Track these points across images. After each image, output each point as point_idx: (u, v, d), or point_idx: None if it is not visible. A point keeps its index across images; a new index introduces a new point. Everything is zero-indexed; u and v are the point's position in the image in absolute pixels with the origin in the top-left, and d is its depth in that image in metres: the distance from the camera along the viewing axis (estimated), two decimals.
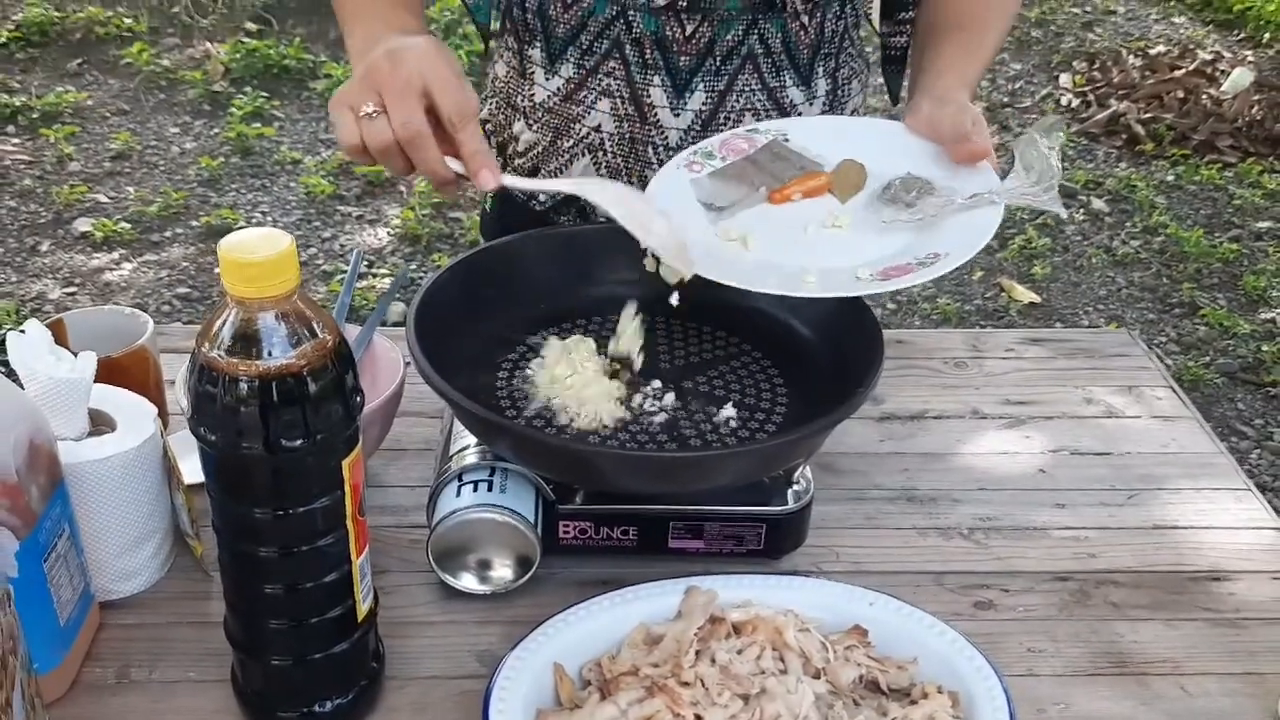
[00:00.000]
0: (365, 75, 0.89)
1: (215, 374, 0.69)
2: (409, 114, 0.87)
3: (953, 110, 1.00)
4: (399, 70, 0.87)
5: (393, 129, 0.87)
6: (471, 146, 0.88)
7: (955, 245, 0.92)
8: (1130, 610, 0.94)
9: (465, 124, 0.88)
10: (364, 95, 0.88)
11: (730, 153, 1.04)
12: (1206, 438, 1.14)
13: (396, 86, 0.87)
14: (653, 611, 0.85)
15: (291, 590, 0.76)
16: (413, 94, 0.87)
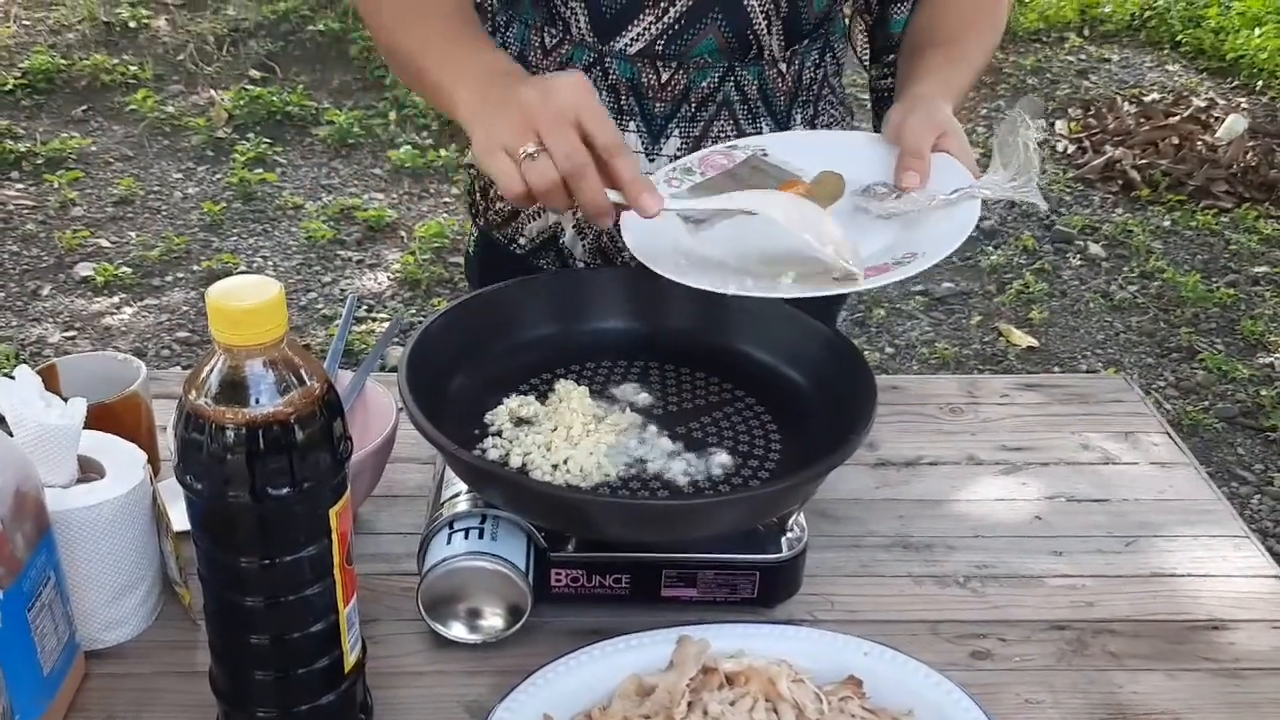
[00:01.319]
0: (515, 113, 0.87)
1: (202, 422, 0.68)
2: (571, 147, 0.86)
3: (917, 120, 0.99)
4: (551, 103, 0.86)
5: (555, 164, 0.86)
6: (630, 174, 0.88)
7: (933, 244, 0.92)
8: (1129, 660, 0.92)
9: (621, 152, 0.88)
10: (520, 134, 0.86)
11: (709, 168, 1.05)
12: (1204, 484, 1.13)
13: (551, 120, 0.86)
14: (644, 661, 0.84)
15: (278, 640, 0.75)
16: (569, 126, 0.86)
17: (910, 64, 1.12)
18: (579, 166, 0.86)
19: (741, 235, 0.96)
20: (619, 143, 0.88)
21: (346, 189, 3.61)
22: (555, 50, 1.13)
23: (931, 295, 3.20)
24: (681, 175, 1.04)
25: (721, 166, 1.05)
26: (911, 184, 0.97)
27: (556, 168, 0.86)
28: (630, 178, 0.88)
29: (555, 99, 0.87)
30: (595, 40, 1.10)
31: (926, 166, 0.98)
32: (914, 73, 1.08)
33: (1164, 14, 4.87)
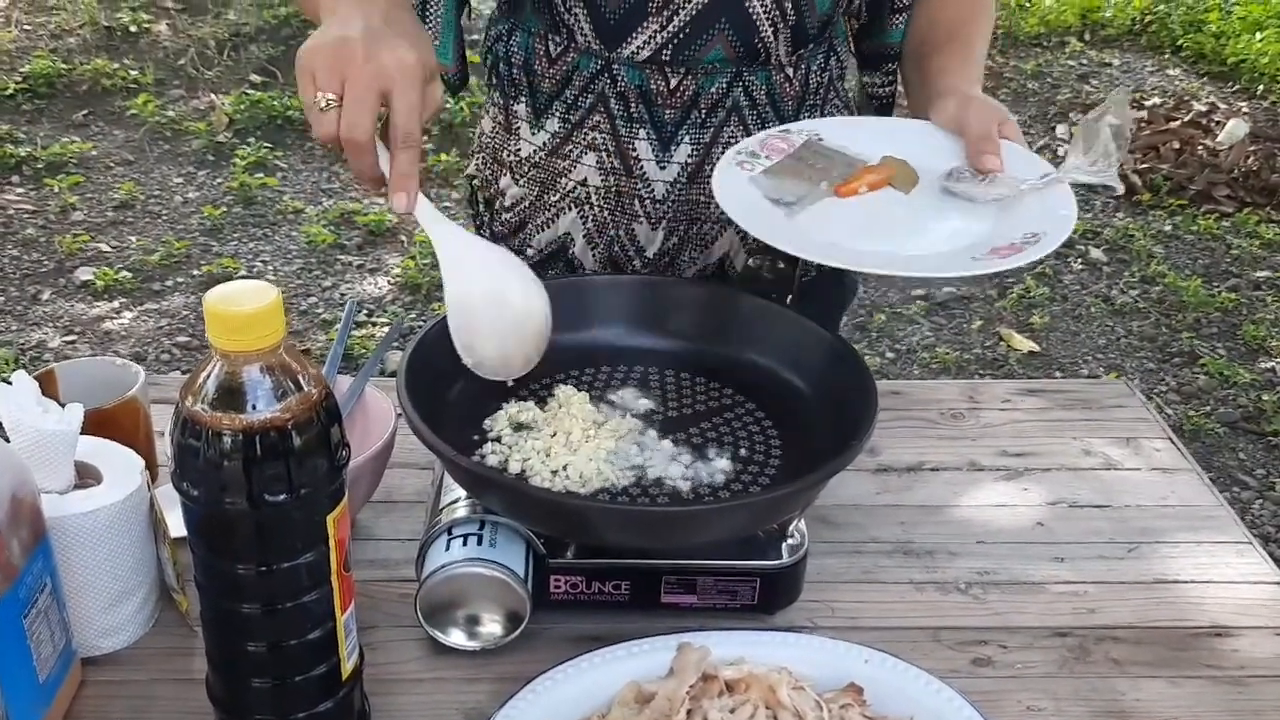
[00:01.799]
0: (338, 50, 0.84)
1: (198, 428, 0.68)
2: (358, 119, 0.83)
3: (978, 108, 1.02)
4: (370, 63, 0.83)
5: (339, 128, 0.84)
6: (402, 167, 0.85)
7: (1047, 225, 0.94)
8: (1131, 667, 0.92)
9: (406, 144, 0.85)
10: (328, 78, 0.84)
11: (772, 152, 1.05)
12: (1206, 490, 1.13)
13: (360, 83, 0.83)
14: (644, 669, 0.83)
15: (275, 647, 0.74)
16: (372, 96, 0.83)
17: (927, 64, 1.13)
18: (355, 143, 0.84)
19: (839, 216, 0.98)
20: (410, 134, 0.85)
21: (347, 193, 3.60)
22: (561, 58, 1.12)
23: (932, 300, 3.20)
24: (749, 159, 1.04)
25: (782, 150, 1.05)
26: (994, 166, 0.99)
27: (339, 127, 0.84)
28: (401, 170, 0.85)
29: (375, 61, 0.84)
30: (601, 47, 1.10)
31: (1000, 150, 1.00)
32: (937, 71, 1.10)
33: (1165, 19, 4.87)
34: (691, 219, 1.16)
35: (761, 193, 1.00)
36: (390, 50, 0.84)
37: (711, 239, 1.18)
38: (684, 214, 1.16)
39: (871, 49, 1.21)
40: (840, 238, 0.96)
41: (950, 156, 1.03)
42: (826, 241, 0.96)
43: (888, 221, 0.99)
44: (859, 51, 1.23)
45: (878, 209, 1.00)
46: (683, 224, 1.16)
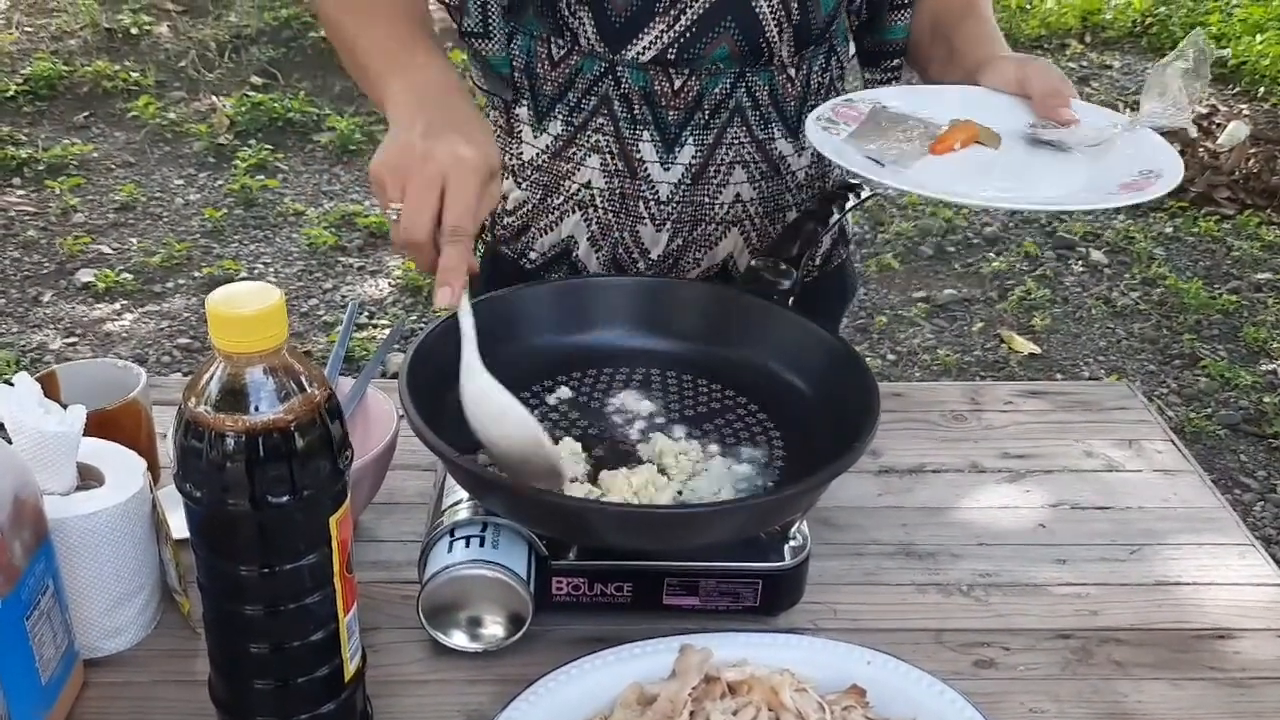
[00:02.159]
0: (400, 158, 0.89)
1: (201, 429, 0.68)
2: (416, 220, 0.87)
3: (1038, 66, 1.05)
4: (427, 166, 0.87)
5: (399, 230, 0.88)
6: (447, 261, 0.87)
7: (1156, 163, 0.99)
8: (1134, 669, 0.92)
9: (456, 239, 0.87)
10: (394, 187, 0.89)
11: (845, 119, 1.05)
12: (1208, 492, 1.13)
13: (418, 184, 0.87)
14: (646, 670, 0.83)
15: (277, 649, 0.74)
16: (430, 196, 0.87)
17: (955, 38, 1.15)
18: (411, 242, 0.88)
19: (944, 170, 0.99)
20: (461, 229, 0.87)
21: (348, 195, 3.60)
22: (564, 61, 1.12)
23: (934, 302, 3.20)
24: (829, 124, 1.04)
25: (855, 117, 1.05)
26: (1070, 118, 1.03)
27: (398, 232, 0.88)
28: (445, 264, 0.88)
29: (432, 165, 0.87)
30: (605, 49, 1.10)
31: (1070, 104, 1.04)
32: (971, 40, 1.13)
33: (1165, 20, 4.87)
34: (696, 220, 1.16)
35: (860, 153, 1.01)
36: (448, 147, 0.88)
37: (716, 240, 1.18)
38: (688, 215, 1.16)
39: (873, 45, 1.22)
40: (966, 186, 0.98)
41: (1013, 115, 1.05)
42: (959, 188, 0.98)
43: (998, 171, 1.01)
44: (860, 48, 1.23)
45: (978, 163, 1.02)
46: (687, 225, 1.17)
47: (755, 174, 1.16)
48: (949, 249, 3.44)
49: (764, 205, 1.17)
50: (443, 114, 0.91)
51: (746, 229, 1.17)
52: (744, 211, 1.17)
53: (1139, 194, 0.95)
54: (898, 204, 3.64)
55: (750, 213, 1.17)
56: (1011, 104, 1.06)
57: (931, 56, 1.18)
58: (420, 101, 0.93)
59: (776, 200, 1.18)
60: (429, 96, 0.94)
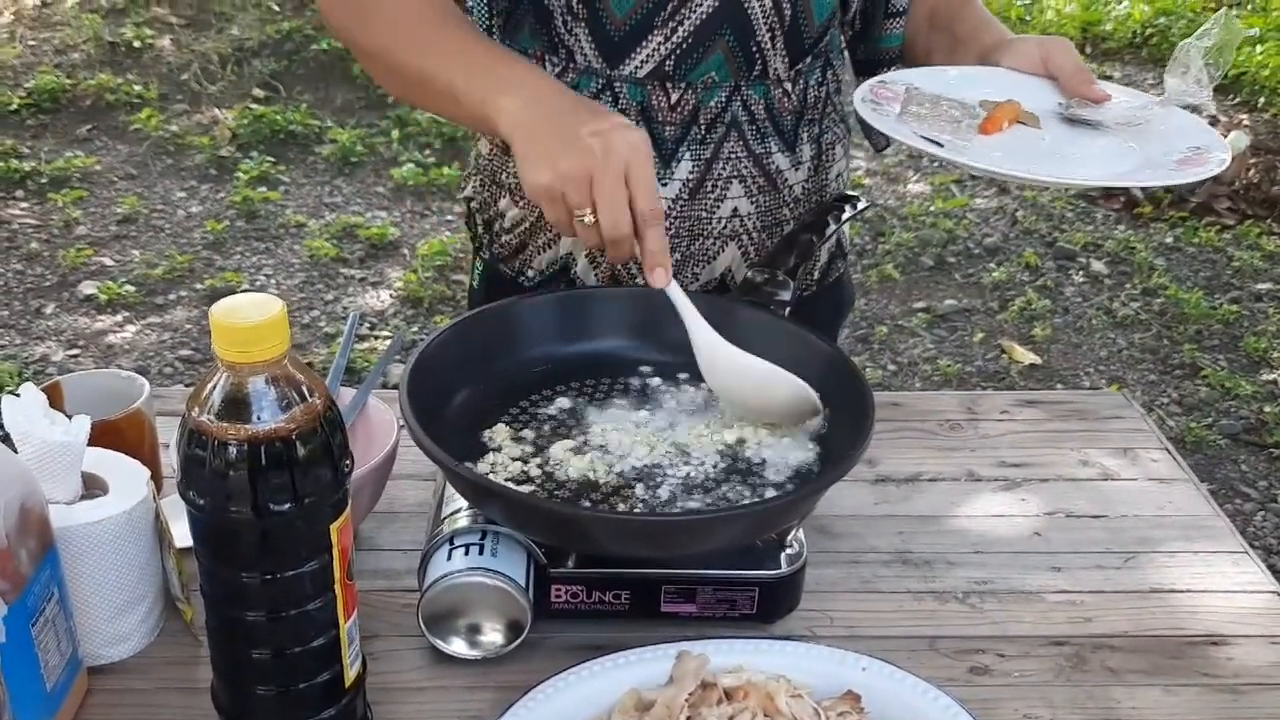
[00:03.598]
0: (579, 161, 0.89)
1: (204, 438, 0.69)
2: (618, 217, 0.89)
3: (1059, 45, 1.08)
4: (611, 162, 0.89)
5: (601, 230, 0.90)
6: (654, 245, 0.91)
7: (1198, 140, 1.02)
8: (1127, 675, 0.93)
9: (655, 222, 0.91)
10: (580, 190, 0.89)
11: (886, 99, 1.07)
12: (1203, 500, 1.13)
13: (609, 184, 0.89)
14: (644, 677, 0.84)
15: (279, 655, 0.75)
16: (622, 189, 0.89)
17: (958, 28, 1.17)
18: (620, 238, 0.90)
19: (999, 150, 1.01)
20: (657, 211, 0.91)
21: (349, 207, 3.62)
22: (560, 78, 1.12)
23: (934, 312, 3.21)
24: (875, 104, 1.06)
25: (893, 98, 1.07)
26: (1104, 94, 1.06)
27: (601, 233, 0.90)
28: (653, 249, 0.92)
29: (615, 157, 0.89)
30: (603, 65, 1.11)
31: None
32: (979, 27, 1.16)
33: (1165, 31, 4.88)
34: (694, 235, 1.17)
35: (916, 132, 1.02)
36: (620, 137, 0.90)
37: (713, 255, 1.19)
38: (686, 230, 1.17)
39: (867, 54, 1.23)
40: (1030, 165, 1.00)
41: (1038, 94, 1.07)
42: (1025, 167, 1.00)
43: (1048, 150, 1.03)
44: (854, 59, 1.24)
45: (1027, 142, 1.04)
46: (685, 240, 1.17)
47: (752, 188, 1.17)
48: (949, 259, 3.45)
49: (761, 220, 1.18)
50: (587, 113, 0.93)
51: (744, 243, 1.18)
52: (741, 226, 1.18)
53: (1202, 169, 0.98)
54: (898, 214, 3.65)
55: (748, 227, 1.18)
56: (1034, 83, 1.08)
57: (932, 48, 1.19)
58: (549, 108, 0.94)
59: (774, 214, 1.19)
60: (553, 100, 0.95)
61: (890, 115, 1.05)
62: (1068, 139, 1.06)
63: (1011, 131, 1.05)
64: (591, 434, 0.97)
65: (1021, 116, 1.06)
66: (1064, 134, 1.06)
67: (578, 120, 0.91)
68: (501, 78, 0.98)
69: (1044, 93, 1.09)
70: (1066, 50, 1.10)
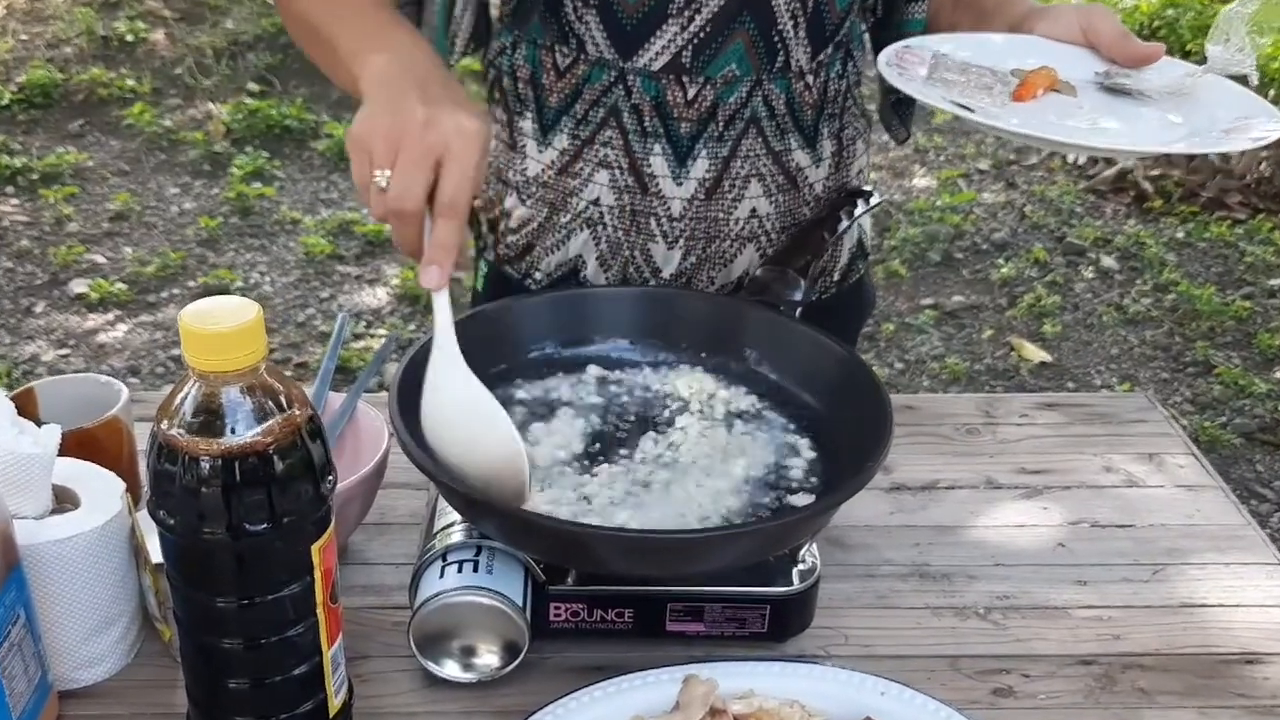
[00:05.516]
0: (395, 121, 0.82)
1: (175, 452, 0.64)
2: (408, 188, 0.80)
3: (1100, 12, 1.04)
4: (428, 133, 0.81)
5: (386, 197, 0.81)
6: (440, 238, 0.81)
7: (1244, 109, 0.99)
8: (1159, 697, 0.88)
9: (449, 214, 0.81)
10: (385, 152, 0.81)
11: (913, 64, 1.03)
12: (1233, 508, 1.09)
13: (415, 150, 0.80)
14: (649, 702, 0.80)
15: (258, 684, 0.71)
16: (426, 162, 0.80)
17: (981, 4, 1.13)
18: (401, 211, 0.81)
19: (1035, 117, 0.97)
20: (458, 206, 0.81)
21: (345, 203, 3.57)
22: (570, 71, 1.08)
23: (942, 309, 3.16)
24: (901, 69, 1.02)
25: (919, 63, 1.03)
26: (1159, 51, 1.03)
27: (385, 201, 0.81)
28: (436, 241, 0.81)
29: (433, 133, 0.81)
30: (616, 57, 1.06)
31: None
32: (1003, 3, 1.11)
33: (1173, 24, 4.84)
34: (710, 237, 1.12)
35: (946, 97, 0.98)
36: (452, 116, 0.81)
37: (731, 257, 1.14)
38: (702, 232, 1.12)
39: (890, 41, 1.18)
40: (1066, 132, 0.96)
41: (1075, 63, 1.04)
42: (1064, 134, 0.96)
43: (1086, 118, 0.99)
44: (875, 45, 1.20)
45: (1064, 110, 1.00)
46: (701, 242, 1.12)
47: (771, 187, 1.12)
48: (957, 255, 3.41)
49: (781, 220, 1.13)
50: (437, 84, 0.86)
51: (762, 245, 1.13)
52: (760, 227, 1.13)
53: (1251, 137, 0.95)
54: (904, 210, 3.60)
55: (766, 228, 1.13)
56: (1071, 52, 1.05)
57: (956, 23, 1.14)
58: (408, 72, 0.87)
59: (794, 214, 1.14)
60: (418, 67, 0.88)
61: (917, 80, 1.00)
62: (1110, 108, 1.01)
63: (1046, 100, 1.01)
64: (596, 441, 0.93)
65: (1057, 84, 1.02)
66: (1103, 103, 1.02)
67: (424, 86, 0.84)
68: (382, 37, 0.93)
69: (1081, 61, 1.05)
70: (1106, 15, 1.05)
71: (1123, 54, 1.04)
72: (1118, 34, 1.04)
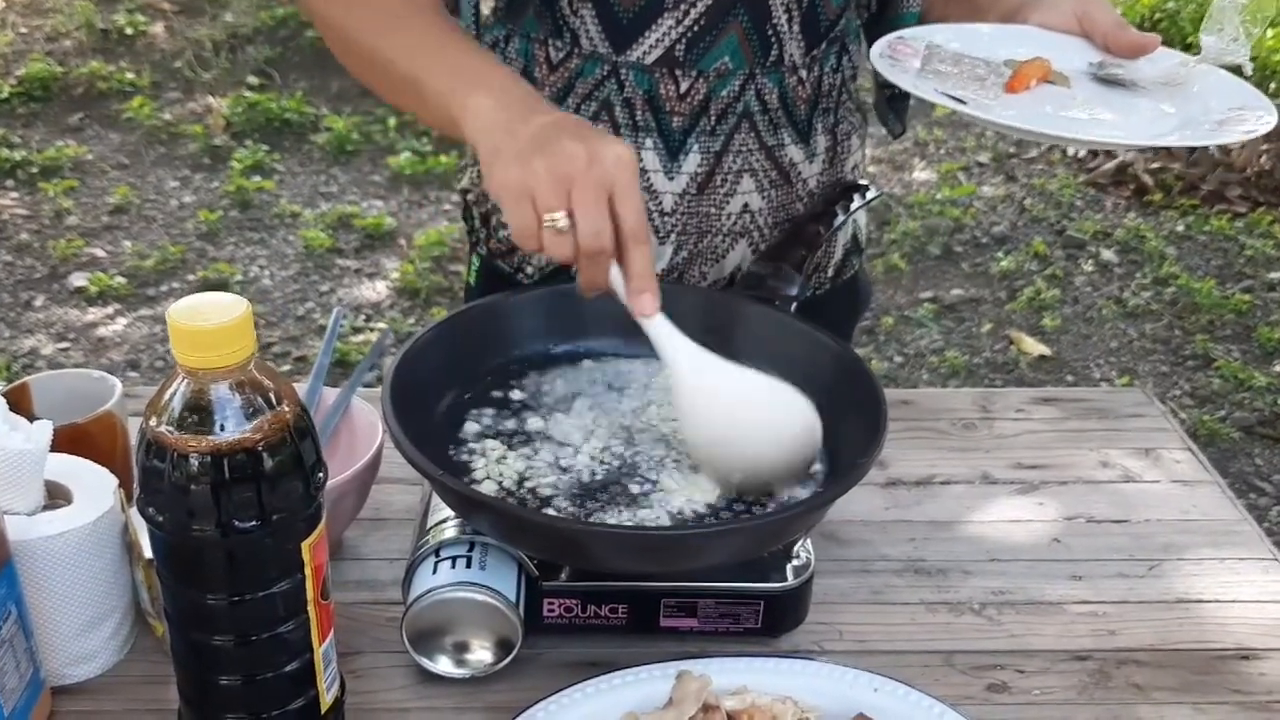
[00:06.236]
0: (555, 164, 0.80)
1: (163, 450, 0.64)
2: (599, 226, 0.80)
3: (1098, 1, 1.03)
4: (594, 171, 0.80)
5: (578, 241, 0.81)
6: (639, 268, 0.82)
7: (1238, 99, 0.98)
8: (1154, 693, 0.88)
9: (640, 242, 0.82)
10: (554, 193, 0.80)
11: (904, 55, 1.02)
12: (1229, 503, 1.08)
13: (590, 190, 0.80)
14: (641, 699, 0.80)
15: (249, 681, 0.71)
16: (605, 200, 0.80)
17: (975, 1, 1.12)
18: (600, 250, 0.81)
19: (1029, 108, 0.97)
20: (642, 232, 0.82)
21: (345, 196, 3.57)
22: (563, 65, 1.07)
23: (941, 302, 3.15)
24: (893, 61, 1.01)
25: (912, 54, 1.02)
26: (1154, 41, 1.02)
27: (578, 245, 0.81)
28: (638, 271, 0.83)
29: (599, 168, 0.80)
30: (609, 50, 1.05)
31: None
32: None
33: (1174, 15, 4.82)
34: (702, 232, 1.11)
35: (937, 90, 0.98)
36: (609, 149, 0.81)
37: (723, 253, 1.13)
38: (694, 227, 1.11)
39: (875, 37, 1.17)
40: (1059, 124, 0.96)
41: (1069, 53, 1.03)
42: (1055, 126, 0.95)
43: (1080, 110, 0.99)
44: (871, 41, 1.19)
45: (1057, 102, 0.99)
46: (693, 238, 1.12)
47: (764, 183, 1.11)
48: (956, 249, 3.40)
49: (774, 215, 1.13)
50: (569, 121, 0.85)
51: (755, 240, 1.12)
52: (752, 222, 1.12)
53: (1244, 129, 0.94)
54: (904, 203, 3.59)
55: (759, 223, 1.12)
56: (1065, 41, 1.04)
57: (948, 16, 1.13)
58: (532, 112, 0.85)
59: (787, 210, 1.13)
60: (532, 103, 0.87)
61: (910, 72, 0.99)
62: (1104, 99, 1.01)
63: (1039, 91, 1.00)
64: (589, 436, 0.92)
65: (1050, 75, 1.01)
66: (1096, 93, 1.01)
67: (558, 127, 0.83)
68: (475, 73, 0.90)
69: (1075, 51, 1.04)
70: (1102, 4, 1.04)
71: (1118, 43, 1.03)
72: (1113, 23, 1.03)
